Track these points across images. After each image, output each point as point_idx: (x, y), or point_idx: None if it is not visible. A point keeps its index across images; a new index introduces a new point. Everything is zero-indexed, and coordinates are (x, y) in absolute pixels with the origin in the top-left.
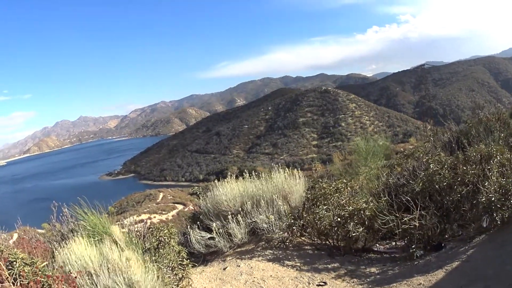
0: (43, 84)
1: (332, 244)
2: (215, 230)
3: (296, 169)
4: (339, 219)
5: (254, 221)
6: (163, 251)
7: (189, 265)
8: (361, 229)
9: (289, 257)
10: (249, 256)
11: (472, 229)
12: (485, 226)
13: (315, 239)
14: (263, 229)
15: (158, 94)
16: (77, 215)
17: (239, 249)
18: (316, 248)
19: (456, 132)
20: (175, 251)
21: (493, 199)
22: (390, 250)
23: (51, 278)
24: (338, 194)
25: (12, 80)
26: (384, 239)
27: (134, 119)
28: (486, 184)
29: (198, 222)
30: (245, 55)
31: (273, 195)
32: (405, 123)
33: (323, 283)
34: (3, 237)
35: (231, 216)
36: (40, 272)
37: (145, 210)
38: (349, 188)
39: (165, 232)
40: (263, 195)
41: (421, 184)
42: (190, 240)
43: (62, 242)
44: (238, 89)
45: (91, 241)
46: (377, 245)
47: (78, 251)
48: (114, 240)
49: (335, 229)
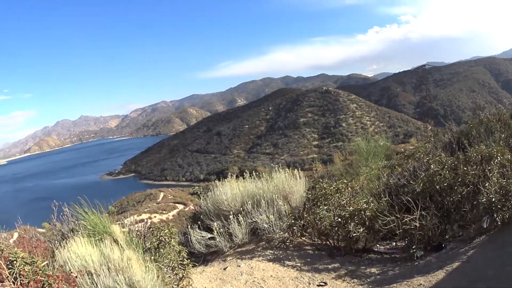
0: (43, 83)
1: (332, 244)
2: (216, 230)
3: (296, 169)
4: (339, 219)
5: (255, 221)
6: (164, 250)
7: (190, 265)
8: (361, 229)
9: (290, 257)
10: (249, 256)
11: (473, 229)
12: (485, 227)
13: (316, 239)
14: (263, 229)
15: (159, 93)
16: (77, 214)
17: (239, 249)
18: (317, 249)
19: (456, 133)
20: (176, 251)
21: (493, 200)
22: (391, 250)
23: (51, 277)
24: (338, 194)
25: (13, 79)
26: (385, 239)
27: (135, 118)
28: (486, 184)
29: (198, 222)
30: (245, 55)
31: (274, 195)
32: (406, 123)
33: (323, 283)
34: (3, 236)
35: (233, 216)
36: (41, 272)
37: (146, 210)
38: (349, 189)
39: (165, 231)
40: (264, 195)
41: (421, 185)
42: (191, 240)
43: (63, 241)
44: (239, 89)
45: (91, 241)
46: (377, 245)
47: (78, 251)
48: (115, 240)
49: (336, 229)
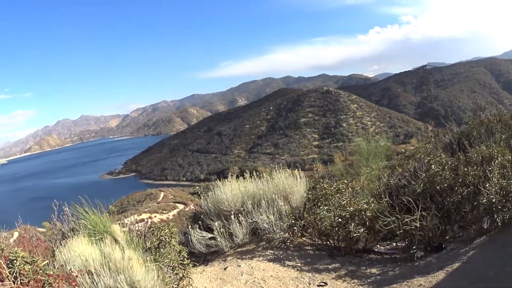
0: (44, 82)
1: (333, 244)
2: (217, 230)
3: (297, 169)
4: (340, 219)
5: (255, 221)
6: (164, 250)
7: (190, 265)
8: (362, 229)
9: (290, 257)
10: (250, 256)
11: (473, 230)
12: (485, 227)
13: (316, 240)
14: (264, 229)
15: (159, 93)
16: (78, 214)
17: (239, 249)
18: (317, 249)
19: (457, 133)
20: (176, 250)
21: (494, 200)
22: (391, 251)
23: (51, 277)
24: (339, 194)
25: (13, 79)
26: (385, 240)
27: (136, 118)
28: (487, 185)
29: (199, 222)
30: (246, 55)
31: (274, 195)
32: (407, 124)
33: (323, 284)
34: (3, 235)
35: (233, 216)
36: (41, 271)
37: (146, 210)
38: (350, 189)
39: (166, 231)
40: (264, 195)
41: (422, 185)
42: (191, 240)
43: (63, 241)
44: (239, 89)
45: (92, 240)
46: (378, 246)
47: (79, 250)
48: (115, 239)
49: (336, 229)
